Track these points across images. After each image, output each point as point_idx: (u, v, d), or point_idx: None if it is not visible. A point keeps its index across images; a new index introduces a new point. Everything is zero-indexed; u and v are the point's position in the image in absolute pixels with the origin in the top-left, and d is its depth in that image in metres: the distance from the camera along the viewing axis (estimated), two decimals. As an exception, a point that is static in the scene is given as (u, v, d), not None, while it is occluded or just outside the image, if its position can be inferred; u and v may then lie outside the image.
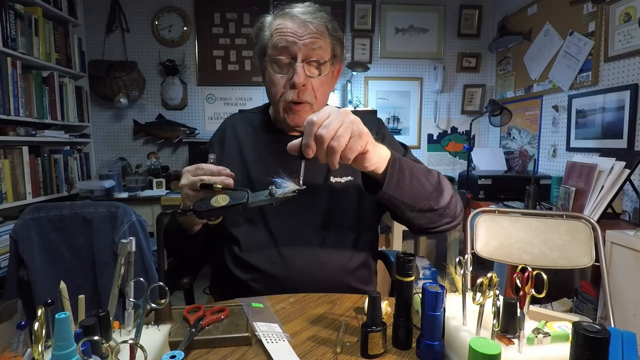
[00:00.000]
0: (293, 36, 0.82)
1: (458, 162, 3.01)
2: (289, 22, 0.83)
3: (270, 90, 0.89)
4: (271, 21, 0.88)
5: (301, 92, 0.84)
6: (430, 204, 0.75)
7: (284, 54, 0.83)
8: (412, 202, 0.73)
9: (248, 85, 2.82)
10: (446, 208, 0.78)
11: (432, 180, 0.77)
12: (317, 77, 0.85)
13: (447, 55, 2.93)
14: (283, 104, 0.86)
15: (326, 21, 0.85)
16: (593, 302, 1.60)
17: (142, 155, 2.75)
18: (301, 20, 0.83)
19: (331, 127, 0.59)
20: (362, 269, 0.91)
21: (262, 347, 0.60)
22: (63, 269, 1.39)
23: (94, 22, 2.65)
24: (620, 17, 1.81)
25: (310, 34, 0.82)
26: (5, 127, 1.85)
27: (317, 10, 0.85)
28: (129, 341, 0.46)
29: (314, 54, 0.83)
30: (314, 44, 0.83)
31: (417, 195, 0.73)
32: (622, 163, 1.56)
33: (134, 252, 0.60)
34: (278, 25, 0.84)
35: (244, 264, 0.86)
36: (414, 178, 0.73)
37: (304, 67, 0.83)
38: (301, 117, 0.87)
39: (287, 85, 0.84)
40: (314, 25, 0.83)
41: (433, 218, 0.78)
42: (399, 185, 0.70)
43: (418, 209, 0.75)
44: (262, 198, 0.65)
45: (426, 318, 0.56)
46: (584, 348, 0.41)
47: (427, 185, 0.75)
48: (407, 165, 0.73)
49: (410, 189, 0.72)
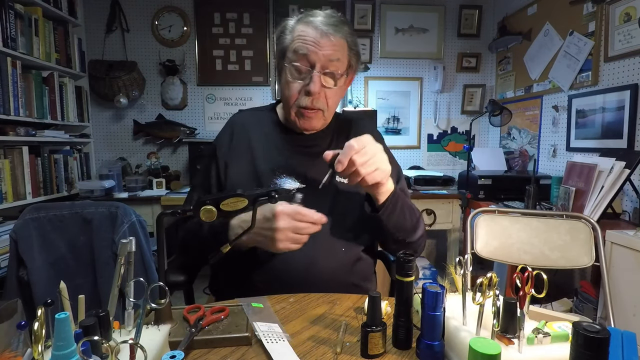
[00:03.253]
0: (314, 45, 0.84)
1: (458, 162, 3.01)
2: (312, 30, 0.85)
3: (284, 92, 0.91)
4: (294, 25, 0.89)
5: (315, 99, 0.87)
6: (405, 238, 0.89)
7: (303, 61, 0.86)
8: (393, 231, 0.86)
9: (248, 85, 2.82)
10: (414, 243, 0.91)
11: (413, 219, 0.90)
12: (331, 88, 0.89)
13: (447, 55, 2.93)
14: (296, 108, 0.89)
15: (347, 35, 0.88)
16: (593, 302, 1.60)
17: (142, 155, 2.75)
18: (324, 31, 0.85)
19: (365, 157, 0.73)
20: (362, 266, 0.94)
21: (262, 347, 0.60)
22: (63, 269, 1.39)
23: (94, 22, 2.64)
24: (620, 17, 1.81)
25: (331, 46, 0.85)
26: (5, 127, 1.85)
27: (339, 23, 0.87)
28: (129, 341, 0.46)
29: (332, 65, 0.86)
30: (332, 56, 0.85)
31: (398, 228, 0.87)
32: (622, 163, 1.56)
33: (134, 252, 0.60)
34: (301, 32, 0.86)
35: (247, 259, 0.87)
36: (401, 215, 0.86)
37: (320, 77, 0.86)
38: (311, 123, 0.91)
39: (302, 91, 0.87)
40: (335, 38, 0.85)
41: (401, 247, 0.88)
42: (390, 215, 0.83)
43: (395, 238, 0.88)
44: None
45: (426, 318, 0.56)
46: (584, 348, 0.41)
47: (408, 222, 0.88)
48: (401, 202, 0.86)
49: (396, 221, 0.85)
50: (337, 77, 0.88)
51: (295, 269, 0.85)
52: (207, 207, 0.65)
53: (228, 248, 0.71)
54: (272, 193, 0.68)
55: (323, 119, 0.92)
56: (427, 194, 2.36)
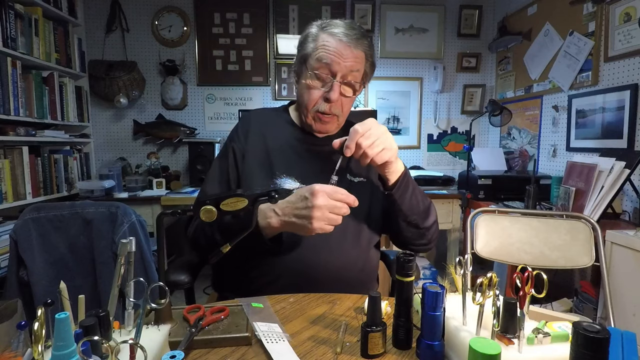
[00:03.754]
0: (336, 56, 0.88)
1: (458, 162, 3.01)
2: (335, 41, 0.89)
3: (303, 96, 0.94)
4: (317, 34, 0.92)
5: (333, 106, 0.92)
6: (418, 222, 0.91)
7: (325, 69, 0.90)
8: (407, 212, 0.89)
9: (248, 85, 2.82)
10: (427, 230, 0.94)
11: (425, 203, 0.93)
12: (349, 97, 0.93)
13: (447, 55, 2.93)
14: (313, 113, 0.94)
15: (367, 48, 0.92)
16: (593, 302, 1.60)
17: (142, 155, 2.75)
18: (346, 43, 0.88)
19: (370, 138, 0.77)
20: (369, 264, 0.97)
21: (262, 347, 0.60)
22: (63, 269, 1.39)
23: (94, 22, 2.64)
24: (620, 17, 1.81)
25: (352, 57, 0.89)
26: (5, 127, 1.85)
27: (360, 36, 0.90)
28: (129, 341, 0.46)
29: (351, 76, 0.91)
30: (353, 67, 0.90)
31: (412, 208, 0.89)
32: (622, 163, 1.56)
33: (134, 252, 0.60)
34: (324, 41, 0.90)
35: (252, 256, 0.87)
36: (414, 195, 0.89)
37: (340, 86, 0.90)
38: (327, 127, 0.96)
39: (321, 97, 0.92)
40: (357, 51, 0.90)
41: (415, 235, 0.94)
42: (403, 195, 0.87)
43: (409, 220, 0.90)
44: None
45: (426, 318, 0.56)
46: (584, 348, 0.41)
47: (421, 205, 0.91)
48: (412, 183, 0.90)
49: (409, 202, 0.89)
50: (355, 87, 0.93)
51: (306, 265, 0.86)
52: (207, 207, 0.65)
53: (228, 248, 0.71)
54: (272, 193, 0.69)
55: (337, 123, 0.97)
56: (427, 194, 2.32)
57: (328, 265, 0.88)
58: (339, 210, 0.75)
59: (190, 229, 0.95)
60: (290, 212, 0.77)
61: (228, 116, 2.82)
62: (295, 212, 0.76)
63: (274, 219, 0.78)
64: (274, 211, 0.79)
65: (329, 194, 0.74)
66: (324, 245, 0.88)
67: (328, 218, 0.74)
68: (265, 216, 0.79)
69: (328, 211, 0.74)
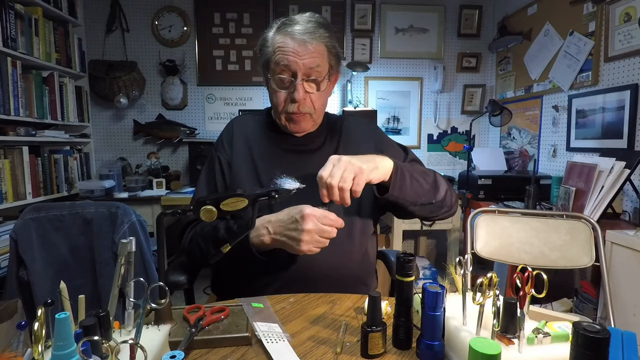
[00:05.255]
0: (293, 55, 0.87)
1: (458, 162, 3.01)
2: (290, 40, 0.87)
3: (272, 101, 0.95)
4: (273, 37, 0.91)
5: (301, 105, 0.90)
6: (430, 199, 0.90)
7: (285, 72, 0.89)
8: (414, 200, 0.87)
9: (248, 85, 2.82)
10: (443, 200, 0.92)
11: (428, 180, 0.91)
12: (315, 92, 0.92)
13: (447, 55, 2.93)
14: (285, 114, 0.93)
15: (325, 39, 0.90)
16: (593, 302, 1.60)
17: (142, 155, 2.75)
18: (302, 40, 0.87)
19: (336, 175, 0.74)
20: (367, 261, 0.97)
21: (262, 347, 0.60)
22: (63, 269, 1.39)
23: (94, 22, 2.64)
24: (620, 17, 1.81)
25: (310, 54, 0.87)
26: (5, 127, 1.85)
27: (316, 29, 0.89)
28: (129, 341, 0.46)
29: (313, 72, 0.89)
30: (312, 64, 0.88)
31: (417, 193, 0.87)
32: (622, 163, 1.56)
33: (134, 252, 0.60)
34: (280, 43, 0.88)
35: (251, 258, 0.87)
36: (414, 180, 0.87)
37: (303, 84, 0.89)
38: (301, 126, 0.95)
39: (288, 99, 0.91)
40: (313, 46, 0.87)
41: (433, 209, 0.92)
42: (402, 188, 0.84)
43: (419, 204, 0.89)
44: None
45: (426, 318, 0.56)
46: (584, 348, 0.41)
47: (424, 185, 0.89)
48: (408, 170, 0.86)
49: (412, 189, 0.86)
50: (319, 81, 0.91)
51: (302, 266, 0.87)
52: (207, 207, 0.65)
53: (228, 248, 0.71)
54: (272, 193, 0.69)
55: (312, 120, 0.95)
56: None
57: (324, 264, 0.88)
58: (328, 234, 0.77)
59: (185, 240, 0.95)
60: (281, 232, 0.79)
61: (228, 116, 2.82)
62: (287, 232, 0.78)
63: (266, 236, 0.80)
64: (266, 229, 0.80)
65: (318, 218, 0.76)
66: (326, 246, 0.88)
67: (316, 241, 0.77)
68: (258, 234, 0.81)
69: (317, 235, 0.76)
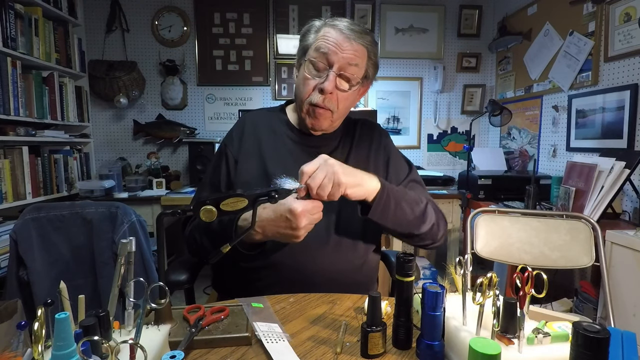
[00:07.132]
0: (335, 46, 0.87)
1: (458, 162, 3.01)
2: (336, 32, 0.88)
3: (299, 88, 0.93)
4: (319, 26, 0.91)
5: (327, 98, 0.89)
6: (411, 230, 0.87)
7: (323, 59, 0.88)
8: (393, 227, 0.86)
9: (248, 85, 2.82)
10: (426, 234, 0.89)
11: (416, 210, 0.87)
12: (344, 91, 0.90)
13: (447, 55, 2.93)
14: (307, 105, 0.91)
15: (368, 44, 0.90)
16: (593, 302, 1.60)
17: (142, 155, 2.75)
18: (347, 35, 0.87)
19: (317, 179, 0.73)
20: (369, 266, 0.97)
21: (262, 347, 0.60)
22: (63, 269, 1.39)
23: (94, 22, 2.64)
24: (620, 17, 1.81)
25: (351, 50, 0.87)
26: (5, 127, 1.85)
27: (363, 32, 0.89)
28: (129, 341, 0.46)
29: (349, 69, 0.88)
30: (351, 60, 0.87)
31: (399, 222, 0.85)
32: (622, 163, 1.56)
33: (134, 252, 0.60)
34: (325, 33, 0.89)
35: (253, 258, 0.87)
36: (399, 209, 0.84)
37: (336, 77, 0.88)
38: (320, 122, 0.92)
39: (316, 88, 0.89)
40: (357, 44, 0.88)
41: (412, 241, 0.91)
42: (383, 214, 0.82)
43: (398, 232, 0.88)
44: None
45: (426, 318, 0.56)
46: (584, 348, 0.41)
47: (409, 215, 0.86)
48: (394, 196, 0.84)
49: (394, 217, 0.84)
50: (352, 82, 0.90)
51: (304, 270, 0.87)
52: (207, 207, 0.65)
53: (228, 248, 0.71)
54: (272, 193, 0.69)
55: (331, 119, 0.93)
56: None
57: (325, 272, 0.88)
58: (317, 219, 0.78)
59: (187, 230, 0.95)
60: (275, 231, 0.78)
61: (228, 116, 2.82)
62: (281, 231, 0.77)
63: (258, 235, 0.80)
64: (255, 231, 0.79)
65: (309, 212, 0.75)
66: (321, 253, 0.88)
67: (309, 230, 0.77)
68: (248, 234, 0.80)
69: (311, 225, 0.77)
